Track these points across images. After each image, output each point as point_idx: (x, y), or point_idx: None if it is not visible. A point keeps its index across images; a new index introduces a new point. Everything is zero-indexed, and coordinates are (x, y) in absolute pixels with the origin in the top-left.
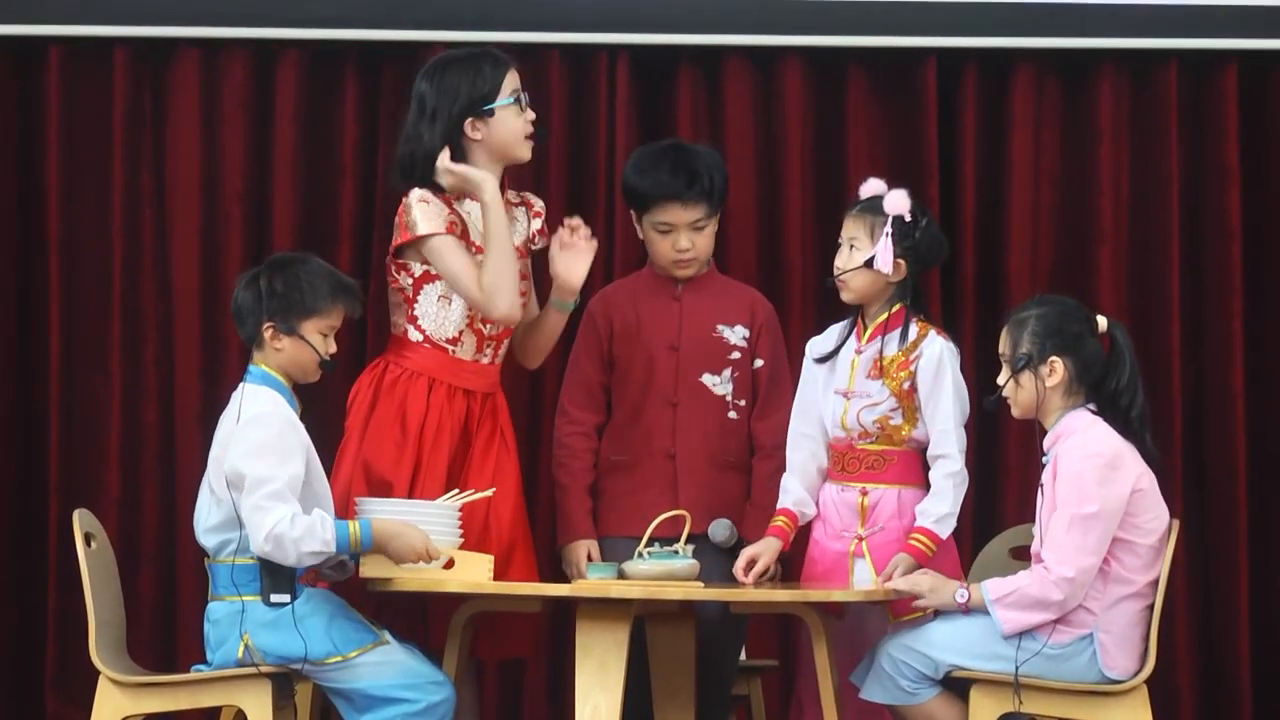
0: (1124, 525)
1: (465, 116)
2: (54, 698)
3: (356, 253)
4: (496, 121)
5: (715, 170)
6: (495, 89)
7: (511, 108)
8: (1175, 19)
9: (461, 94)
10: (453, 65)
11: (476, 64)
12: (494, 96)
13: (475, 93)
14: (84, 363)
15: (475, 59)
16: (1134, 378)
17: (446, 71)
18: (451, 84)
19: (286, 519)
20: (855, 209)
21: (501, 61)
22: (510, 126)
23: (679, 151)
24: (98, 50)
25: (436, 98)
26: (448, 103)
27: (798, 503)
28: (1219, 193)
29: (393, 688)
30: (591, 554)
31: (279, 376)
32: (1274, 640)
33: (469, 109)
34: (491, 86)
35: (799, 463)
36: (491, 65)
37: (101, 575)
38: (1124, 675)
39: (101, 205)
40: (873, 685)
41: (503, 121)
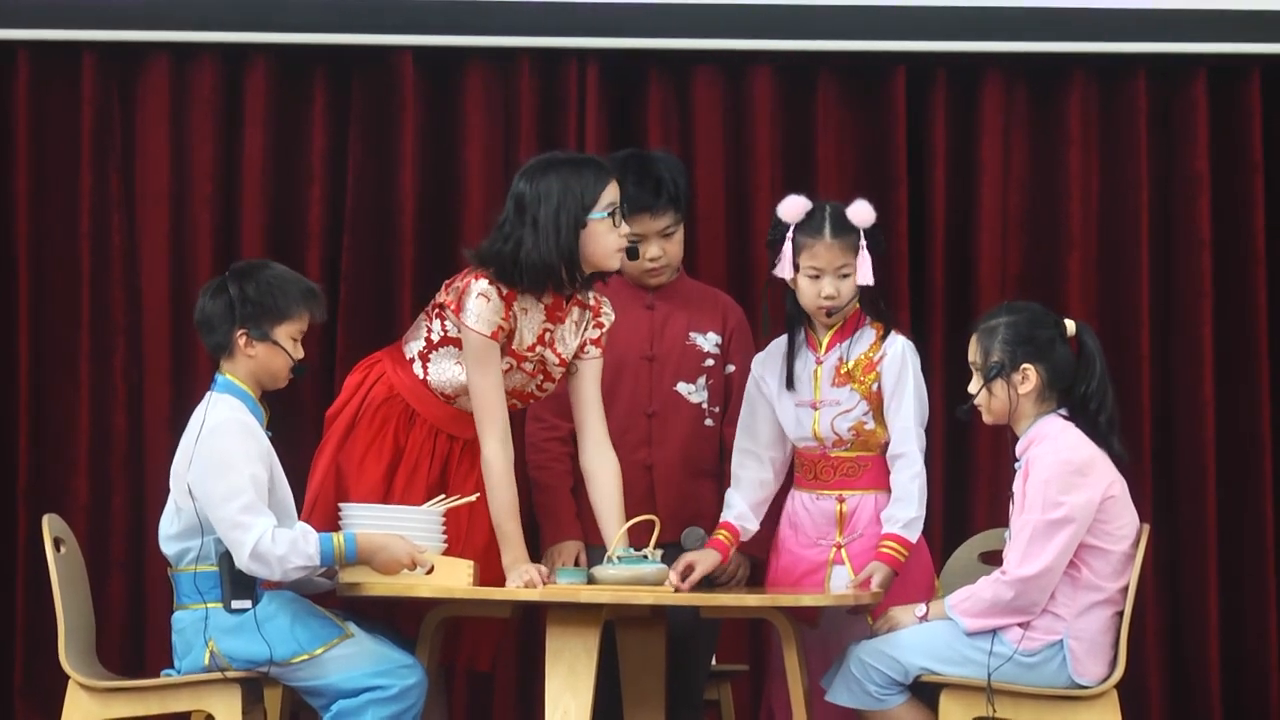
0: (1095, 532)
1: (567, 226)
2: (22, 704)
3: (325, 259)
4: (589, 234)
5: (678, 175)
6: (594, 199)
7: (606, 221)
8: (1145, 24)
9: (561, 200)
10: (554, 167)
11: (577, 170)
12: (591, 207)
13: (572, 201)
14: (53, 369)
15: (576, 165)
16: (1103, 381)
17: (548, 172)
18: (551, 187)
19: (268, 535)
20: (828, 234)
21: (605, 173)
22: (602, 241)
23: (639, 161)
24: (66, 54)
25: (536, 201)
26: (547, 207)
27: (739, 517)
28: (1188, 199)
29: (364, 677)
30: (580, 556)
31: (244, 386)
32: (1243, 646)
33: (568, 217)
34: (590, 197)
35: (745, 480)
36: (593, 173)
37: (71, 580)
38: (1093, 681)
39: (70, 210)
40: (839, 689)
41: (595, 235)
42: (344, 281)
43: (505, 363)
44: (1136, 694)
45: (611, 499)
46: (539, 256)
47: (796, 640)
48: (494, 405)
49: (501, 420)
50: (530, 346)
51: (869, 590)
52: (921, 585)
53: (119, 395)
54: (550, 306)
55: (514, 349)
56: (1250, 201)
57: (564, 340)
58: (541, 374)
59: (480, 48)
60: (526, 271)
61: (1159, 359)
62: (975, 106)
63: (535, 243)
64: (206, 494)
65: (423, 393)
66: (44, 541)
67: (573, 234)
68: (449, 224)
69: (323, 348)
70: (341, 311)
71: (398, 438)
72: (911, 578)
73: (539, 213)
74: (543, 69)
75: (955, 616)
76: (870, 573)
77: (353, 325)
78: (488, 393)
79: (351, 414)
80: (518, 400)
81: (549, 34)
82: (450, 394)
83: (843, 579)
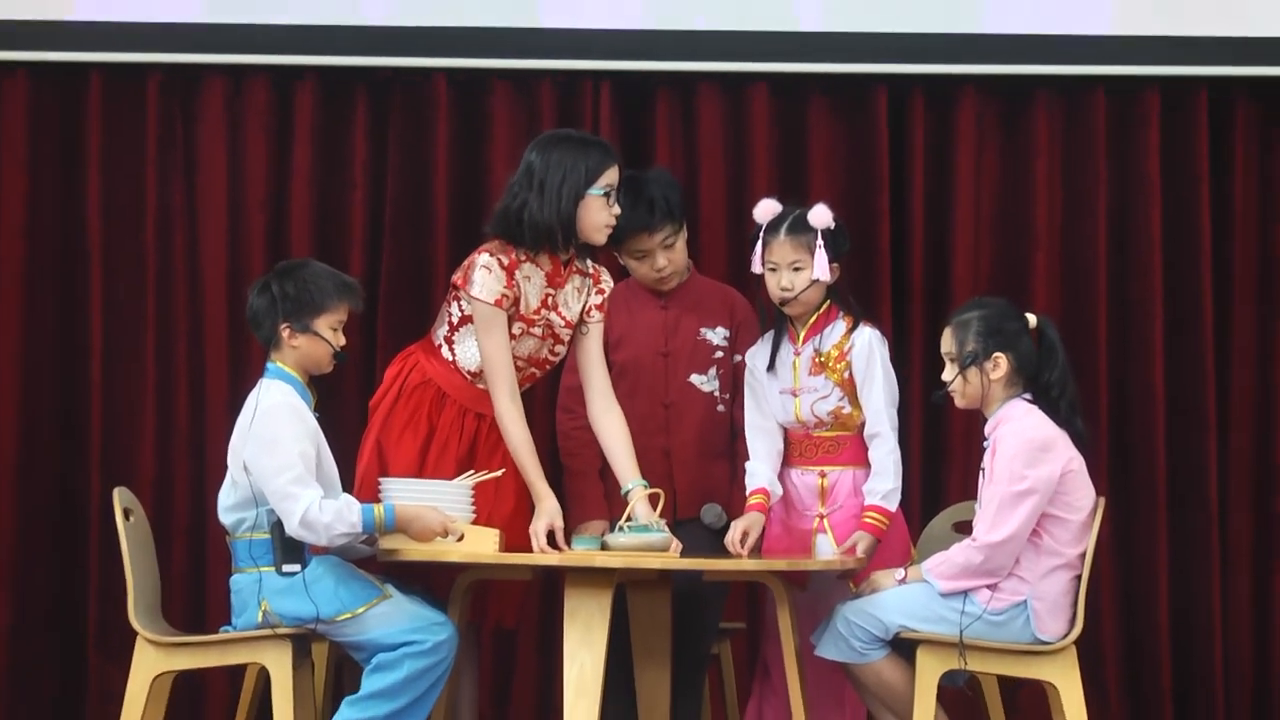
0: (1055, 503)
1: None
2: (96, 656)
3: (366, 259)
4: (584, 206)
5: (669, 189)
6: (594, 177)
7: (600, 199)
8: (1103, 49)
9: (567, 172)
10: (564, 143)
11: (583, 148)
12: (590, 183)
13: (574, 175)
14: (122, 359)
15: (583, 144)
16: (1064, 368)
17: (557, 147)
18: (557, 160)
19: (315, 505)
20: (784, 232)
21: (606, 154)
22: (594, 216)
23: (633, 184)
24: (133, 75)
25: (545, 170)
26: (553, 176)
27: (770, 482)
28: (1142, 204)
29: (401, 633)
30: (603, 532)
31: (293, 372)
32: (1189, 606)
33: (569, 188)
34: (591, 174)
35: (761, 450)
36: (596, 154)
37: (138, 547)
38: (1054, 638)
39: (137, 216)
40: (827, 644)
41: (589, 209)
42: (383, 279)
43: (517, 328)
44: (1093, 649)
45: (620, 441)
46: (540, 218)
47: (789, 601)
48: (502, 366)
49: (509, 378)
50: (536, 310)
51: (854, 556)
52: (900, 552)
53: (181, 382)
54: (550, 273)
55: (522, 314)
56: (1196, 207)
57: (566, 304)
58: (551, 337)
59: (505, 70)
60: (528, 229)
61: (1115, 347)
62: (950, 122)
63: (539, 205)
64: (260, 469)
65: (451, 376)
66: (115, 512)
67: (571, 203)
68: (477, 227)
69: (365, 339)
70: (381, 306)
71: (430, 418)
72: (891, 545)
73: (545, 179)
74: (561, 89)
75: (930, 579)
76: (855, 541)
77: (391, 318)
78: (495, 354)
79: (391, 401)
80: (535, 368)
81: (567, 57)
82: (475, 372)
83: (826, 546)
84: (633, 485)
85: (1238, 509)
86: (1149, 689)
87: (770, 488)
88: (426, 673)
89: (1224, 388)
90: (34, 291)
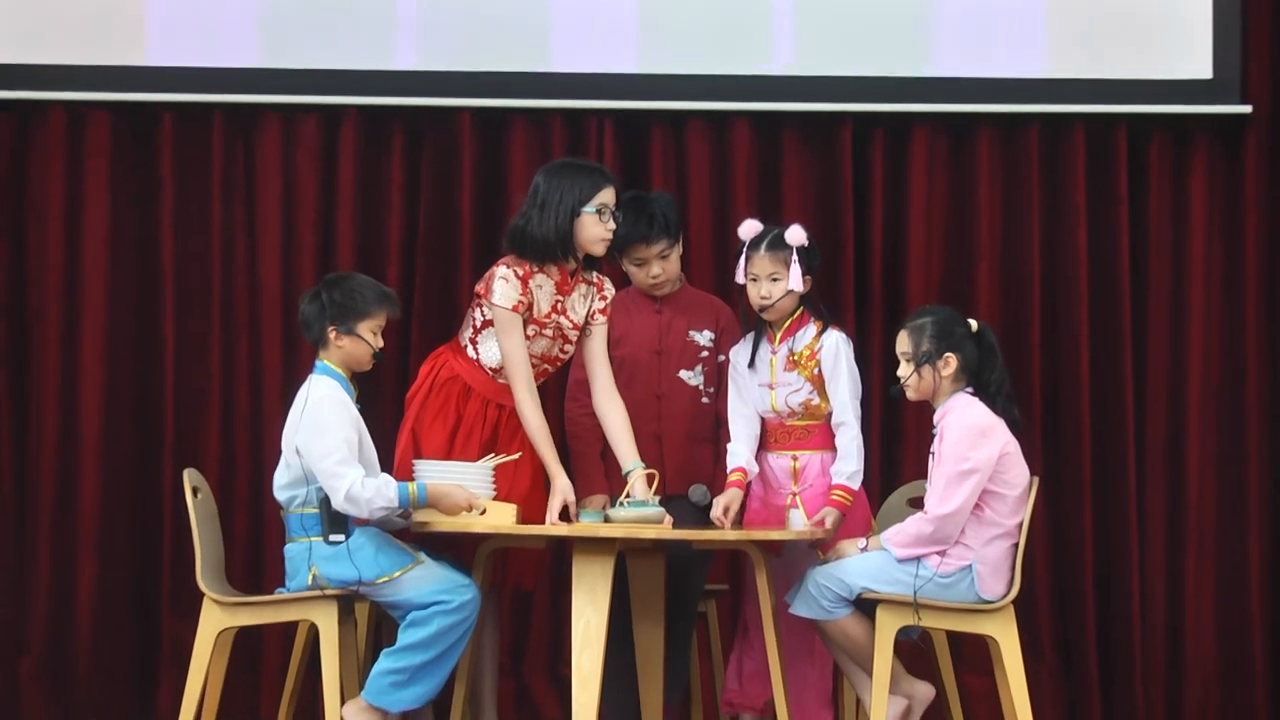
0: (995, 480)
1: (561, 212)
2: (168, 615)
3: (402, 273)
4: (580, 222)
5: (668, 209)
6: (588, 197)
7: (594, 216)
8: (1036, 90)
9: (564, 193)
10: (565, 169)
11: (581, 172)
12: (585, 202)
13: (570, 195)
14: (191, 357)
15: (582, 169)
16: (1002, 367)
17: (560, 172)
18: (558, 183)
19: (357, 483)
20: (764, 248)
21: (602, 177)
22: (589, 231)
23: (637, 201)
24: (201, 113)
25: (546, 192)
26: (553, 196)
27: (747, 462)
28: (1069, 225)
29: (432, 594)
30: (605, 505)
31: (338, 369)
32: (1110, 569)
33: (565, 207)
34: (585, 195)
35: (741, 434)
36: (592, 178)
37: (205, 520)
38: (995, 597)
39: (204, 234)
40: (800, 604)
41: (584, 224)
42: (416, 290)
43: (531, 330)
44: (1028, 607)
45: (621, 428)
46: (541, 233)
47: (766, 567)
48: (520, 363)
49: (526, 374)
50: (547, 314)
51: (823, 528)
52: (862, 524)
53: (242, 377)
54: (559, 282)
55: (535, 317)
56: (1116, 228)
57: (574, 309)
58: (560, 338)
59: (521, 108)
60: (529, 243)
61: (1046, 348)
62: (905, 154)
63: (540, 221)
64: (310, 452)
65: (475, 372)
66: (185, 490)
67: (568, 220)
68: (497, 244)
69: (400, 342)
70: (415, 314)
71: (458, 408)
72: (854, 518)
73: (546, 199)
74: (570, 124)
75: (888, 547)
76: (823, 515)
77: (424, 324)
78: (514, 352)
79: (424, 394)
80: (548, 365)
81: (574, 97)
82: (495, 368)
83: (798, 520)
84: (633, 467)
85: (1152, 486)
86: (1076, 641)
87: (747, 466)
88: (454, 628)
89: (1140, 384)
90: (115, 299)
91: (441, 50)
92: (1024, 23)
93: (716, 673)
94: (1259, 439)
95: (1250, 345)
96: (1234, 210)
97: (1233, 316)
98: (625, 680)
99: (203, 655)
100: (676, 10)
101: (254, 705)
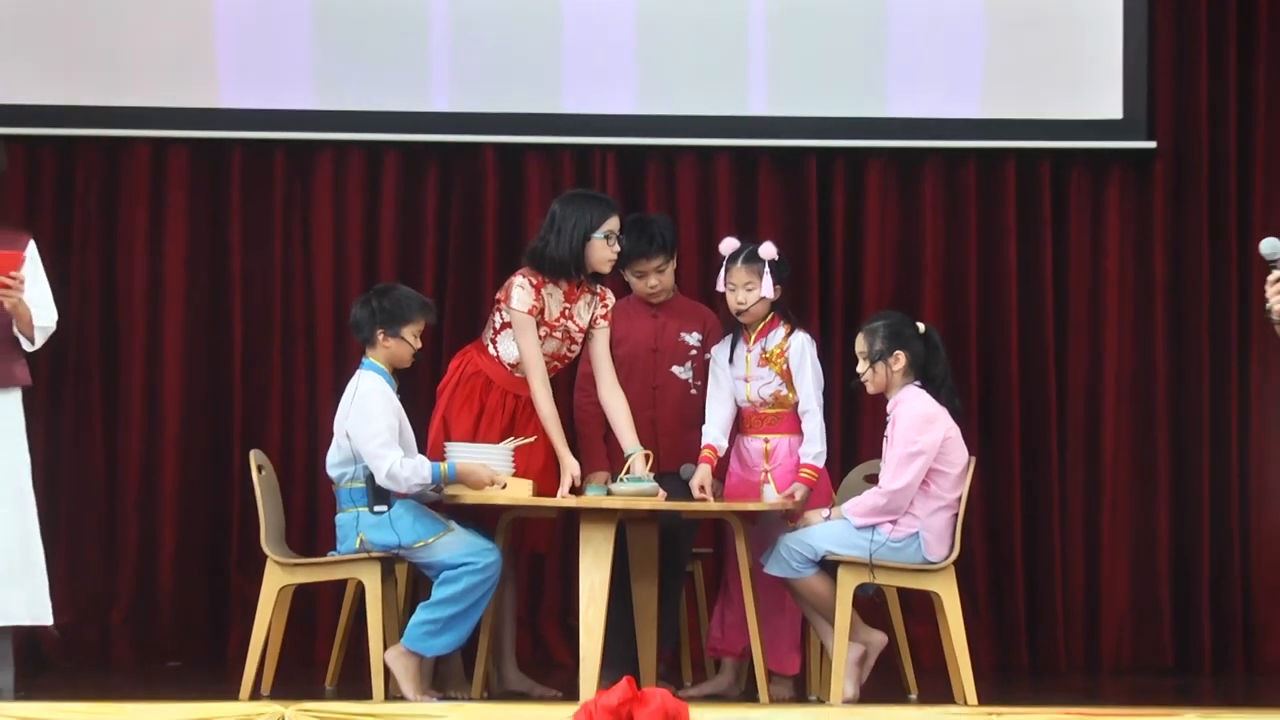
0: (939, 460)
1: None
2: (237, 575)
3: (435, 284)
4: (590, 246)
5: (666, 229)
6: (597, 224)
7: (602, 240)
8: (974, 129)
9: (577, 220)
10: (578, 199)
11: (591, 203)
12: (594, 229)
13: (582, 222)
14: (256, 356)
15: (593, 200)
16: (945, 363)
17: (573, 201)
18: (572, 211)
19: (397, 463)
20: (740, 261)
21: (609, 207)
22: (598, 253)
23: (640, 222)
24: (264, 149)
25: (562, 218)
26: (568, 223)
27: (716, 440)
28: (1002, 244)
29: (460, 556)
30: (606, 481)
31: (383, 366)
32: (1037, 536)
33: (578, 232)
34: (595, 222)
35: (716, 418)
36: (601, 208)
37: (268, 493)
38: (939, 559)
39: (267, 254)
40: (773, 564)
41: (594, 247)
42: (447, 299)
43: (542, 331)
44: (967, 567)
45: (622, 416)
46: (557, 254)
47: (744, 533)
48: (534, 359)
49: (540, 369)
50: (556, 319)
51: (792, 501)
52: (825, 497)
53: (299, 372)
54: (567, 292)
55: (546, 320)
56: (1041, 246)
57: (579, 315)
58: (568, 339)
59: (537, 144)
60: (547, 262)
61: (982, 347)
62: (862, 183)
63: (556, 244)
64: (357, 436)
65: (495, 367)
66: (251, 468)
67: (580, 243)
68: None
69: (434, 342)
70: (446, 319)
71: (481, 399)
72: (819, 492)
73: (562, 225)
74: (578, 158)
75: (848, 517)
76: (793, 490)
77: (454, 328)
78: (529, 350)
79: (452, 386)
80: (558, 362)
81: (582, 135)
82: (513, 364)
83: (771, 494)
84: (633, 450)
85: (1072, 464)
86: (1007, 595)
87: (716, 444)
88: (479, 585)
89: (1061, 377)
90: (192, 307)
91: (469, 95)
92: (963, 72)
93: (702, 623)
94: (1164, 424)
95: (1157, 345)
96: (1142, 231)
97: (1142, 320)
98: (624, 629)
99: (266, 608)
100: (668, 61)
101: (309, 651)
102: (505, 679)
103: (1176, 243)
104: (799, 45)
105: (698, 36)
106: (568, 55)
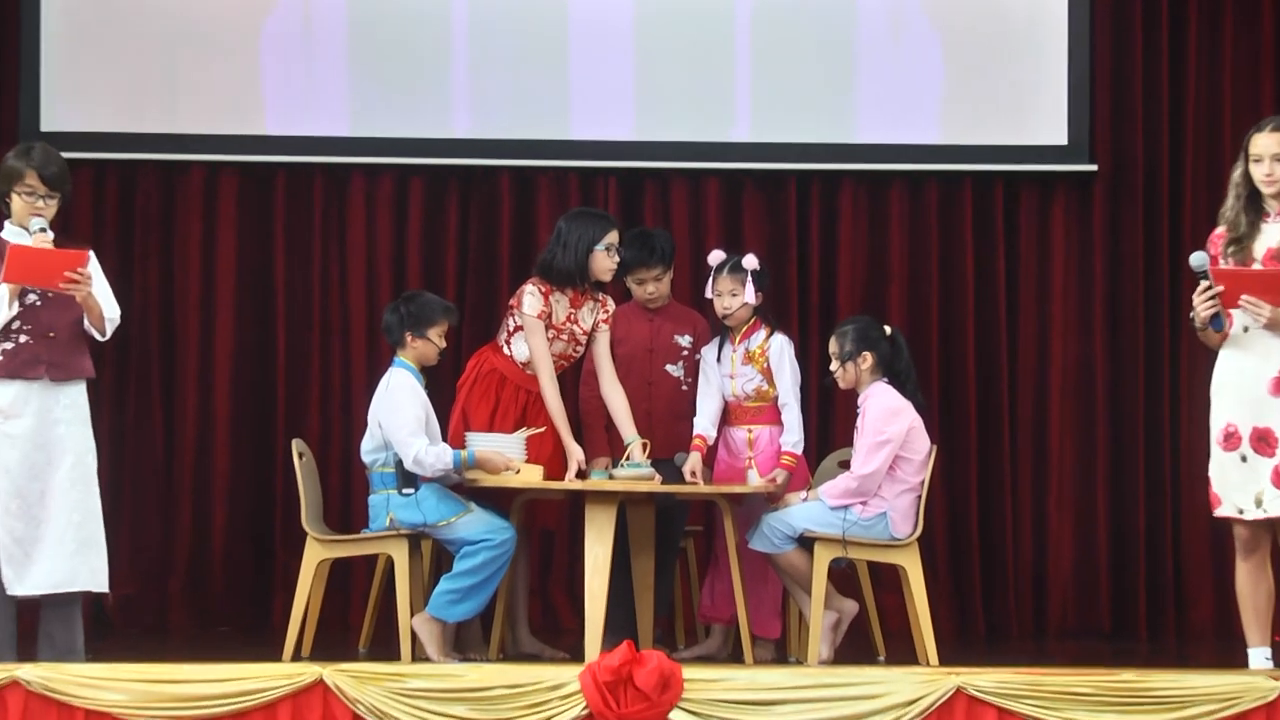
0: (904, 448)
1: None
2: (280, 550)
3: (457, 293)
4: (593, 257)
5: (665, 242)
6: (599, 238)
7: (604, 252)
8: (934, 154)
9: (581, 235)
10: (582, 216)
11: (594, 219)
12: (596, 242)
13: (586, 236)
14: (298, 355)
15: (595, 216)
16: (909, 362)
17: (577, 218)
18: (576, 227)
19: (423, 450)
20: (726, 271)
21: (609, 223)
22: (600, 263)
23: (643, 235)
24: (305, 172)
25: (567, 233)
26: (572, 237)
27: (705, 430)
28: (959, 257)
29: (479, 533)
30: (608, 466)
31: (412, 364)
32: (991, 517)
33: (582, 245)
34: (597, 236)
35: (706, 410)
36: (602, 223)
37: (308, 477)
38: (904, 536)
39: (307, 266)
40: (756, 541)
41: (596, 259)
42: (467, 305)
43: (551, 334)
44: (929, 543)
45: (622, 409)
46: (563, 265)
47: (731, 513)
48: (544, 358)
49: (549, 367)
50: (562, 323)
51: (774, 484)
52: (803, 481)
53: (336, 369)
54: (572, 299)
55: (554, 324)
56: (995, 259)
57: (583, 319)
58: (573, 341)
59: (547, 167)
60: (554, 272)
61: (942, 348)
62: (835, 202)
63: (562, 256)
64: (388, 426)
65: (509, 365)
66: (293, 455)
67: (584, 255)
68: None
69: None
70: (465, 323)
71: (496, 394)
72: (797, 477)
73: (567, 239)
74: (583, 180)
75: (824, 498)
76: (774, 475)
77: (472, 331)
78: (539, 350)
79: (470, 382)
80: (564, 361)
81: (586, 159)
82: (524, 363)
83: (755, 478)
84: (632, 439)
85: (1022, 452)
86: (964, 568)
87: (705, 434)
88: (496, 559)
89: (1013, 375)
90: (241, 312)
91: (487, 124)
92: (925, 102)
93: (694, 593)
94: (1104, 416)
95: (1097, 346)
96: (1085, 245)
97: (1084, 325)
98: (625, 599)
99: (306, 580)
100: (663, 94)
101: (344, 618)
102: (519, 642)
103: (1115, 255)
104: (779, 79)
105: (689, 72)
106: (574, 89)
